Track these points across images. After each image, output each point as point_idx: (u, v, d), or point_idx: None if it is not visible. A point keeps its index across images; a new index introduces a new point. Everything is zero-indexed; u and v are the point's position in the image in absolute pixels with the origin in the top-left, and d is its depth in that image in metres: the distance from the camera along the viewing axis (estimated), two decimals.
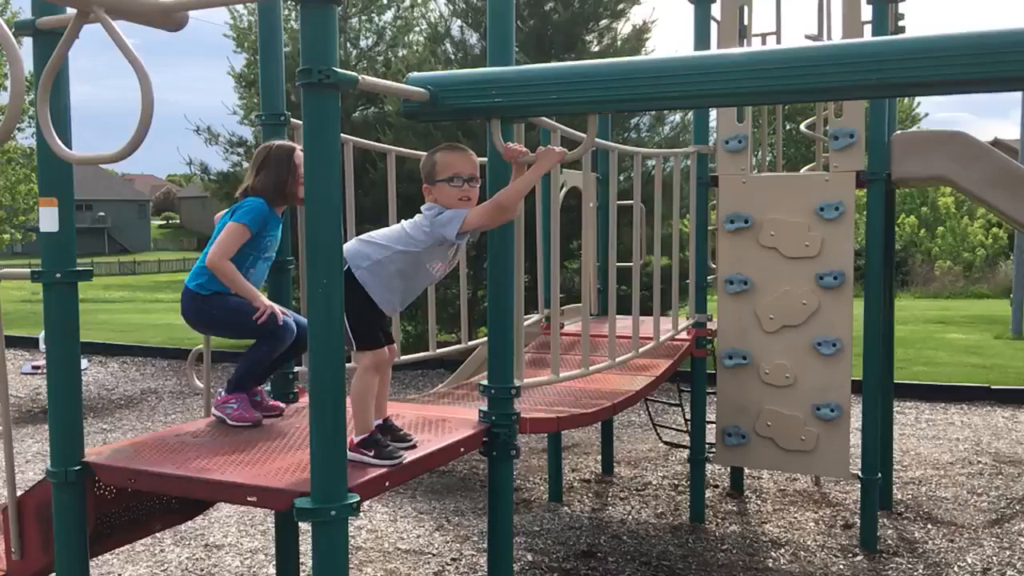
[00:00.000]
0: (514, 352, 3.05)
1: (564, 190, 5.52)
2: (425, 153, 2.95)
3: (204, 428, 3.19)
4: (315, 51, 2.13)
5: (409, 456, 2.66)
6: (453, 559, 4.55)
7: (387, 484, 2.51)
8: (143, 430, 7.56)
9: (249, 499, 2.46)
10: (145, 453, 2.84)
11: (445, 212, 2.92)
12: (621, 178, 8.52)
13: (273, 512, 3.90)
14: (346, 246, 3.02)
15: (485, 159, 2.92)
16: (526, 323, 5.26)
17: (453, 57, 10.75)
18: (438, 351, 4.29)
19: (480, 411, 3.06)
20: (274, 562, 3.81)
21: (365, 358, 3.13)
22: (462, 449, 2.89)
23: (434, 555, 4.61)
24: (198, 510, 3.49)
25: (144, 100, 2.03)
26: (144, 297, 27.62)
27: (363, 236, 3.04)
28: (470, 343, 4.60)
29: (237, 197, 3.39)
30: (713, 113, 5.46)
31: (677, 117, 11.18)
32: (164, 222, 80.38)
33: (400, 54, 11.95)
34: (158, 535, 4.70)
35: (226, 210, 3.37)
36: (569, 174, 5.47)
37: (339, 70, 2.13)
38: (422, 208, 2.98)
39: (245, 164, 11.34)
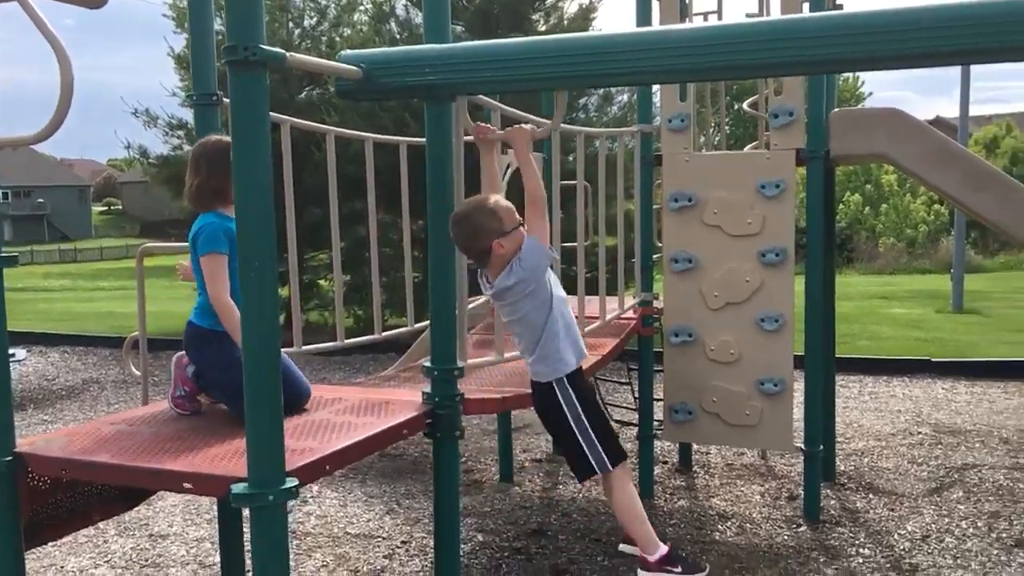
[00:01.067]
0: (456, 333, 3.04)
1: (509, 171, 5.50)
2: (366, 134, 2.94)
3: (141, 416, 3.13)
4: (241, 27, 2.07)
5: (348, 439, 2.63)
6: (403, 542, 4.54)
7: (328, 468, 2.49)
8: (85, 421, 7.40)
9: (185, 486, 2.42)
10: (79, 442, 2.77)
11: (523, 255, 3.13)
12: (570, 159, 8.52)
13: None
14: (531, 370, 3.35)
15: (413, 140, 2.89)
16: (474, 304, 5.25)
17: (399, 36, 10.64)
18: (384, 334, 4.26)
19: (423, 393, 3.04)
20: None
21: (620, 470, 3.28)
22: (405, 431, 2.87)
23: (384, 539, 4.60)
24: (139, 499, 3.42)
25: (63, 80, 1.97)
26: (85, 285, 26.99)
27: (525, 357, 3.33)
28: (417, 325, 4.57)
29: (185, 204, 3.22)
30: (657, 93, 5.48)
31: (625, 97, 11.22)
32: (105, 208, 78.48)
33: (345, 34, 11.79)
34: (101, 525, 4.62)
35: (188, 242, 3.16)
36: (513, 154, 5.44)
37: (266, 47, 2.08)
38: (501, 281, 3.15)
39: (187, 147, 11.12)
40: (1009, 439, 6.28)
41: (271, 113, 3.29)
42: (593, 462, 3.21)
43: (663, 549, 3.26)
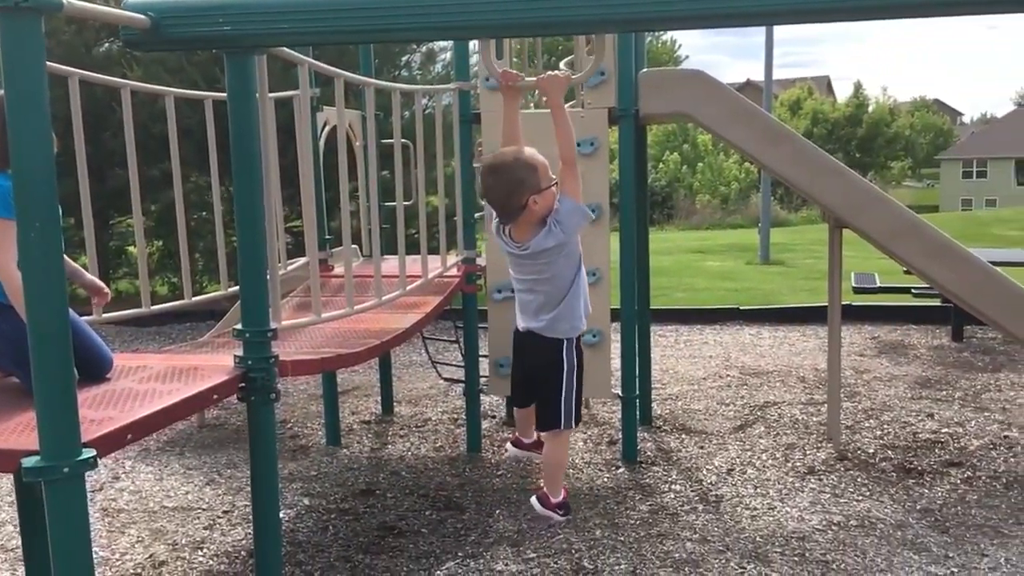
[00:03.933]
0: (268, 294, 2.97)
1: (327, 129, 5.39)
2: (165, 88, 2.79)
3: None
4: None
5: (152, 407, 2.53)
6: (225, 511, 4.43)
7: (130, 437, 2.38)
8: None
9: None
10: None
11: (562, 219, 3.12)
12: (403, 116, 8.44)
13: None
14: (544, 326, 3.39)
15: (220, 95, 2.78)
16: (293, 267, 5.15)
17: None
18: (195, 299, 4.11)
19: (235, 356, 2.96)
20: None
21: (568, 432, 3.49)
22: (215, 396, 2.79)
23: (204, 510, 4.47)
24: None
25: None
26: None
27: (540, 314, 3.40)
28: (231, 290, 4.43)
29: None
30: (475, 50, 5.49)
31: (449, 55, 11.16)
32: None
33: None
34: None
35: None
36: (331, 112, 5.32)
37: None
38: (540, 242, 3.20)
39: None
40: (806, 377, 6.83)
41: (58, 65, 3.08)
42: (562, 418, 3.43)
43: (562, 496, 3.70)
